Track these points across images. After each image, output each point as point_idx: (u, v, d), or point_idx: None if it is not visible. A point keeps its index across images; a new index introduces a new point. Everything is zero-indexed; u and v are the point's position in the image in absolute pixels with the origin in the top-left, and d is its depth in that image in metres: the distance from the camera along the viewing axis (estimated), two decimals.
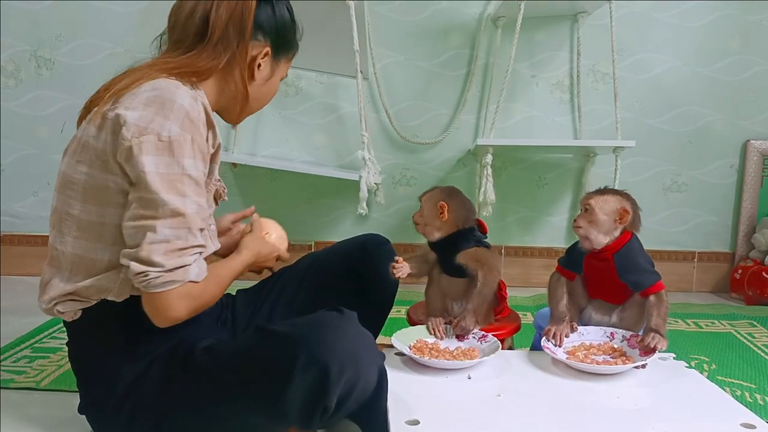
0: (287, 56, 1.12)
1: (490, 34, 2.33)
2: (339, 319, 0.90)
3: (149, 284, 0.87)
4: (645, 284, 1.21)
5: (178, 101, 0.89)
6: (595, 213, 1.22)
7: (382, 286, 1.26)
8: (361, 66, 2.00)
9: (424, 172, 2.43)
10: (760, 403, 1.36)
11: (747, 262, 2.31)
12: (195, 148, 0.90)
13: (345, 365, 0.84)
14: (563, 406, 1.02)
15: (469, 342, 1.25)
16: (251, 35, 1.02)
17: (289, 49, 1.11)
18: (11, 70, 2.39)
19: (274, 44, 1.07)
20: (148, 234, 0.87)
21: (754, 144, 2.35)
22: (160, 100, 0.89)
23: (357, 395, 0.89)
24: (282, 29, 1.07)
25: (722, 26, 2.31)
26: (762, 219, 2.35)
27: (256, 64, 1.05)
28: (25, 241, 2.46)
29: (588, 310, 1.31)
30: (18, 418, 1.21)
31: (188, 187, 0.89)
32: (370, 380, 0.90)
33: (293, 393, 0.84)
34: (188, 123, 0.89)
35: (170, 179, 0.87)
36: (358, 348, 0.88)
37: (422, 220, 1.31)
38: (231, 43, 1.00)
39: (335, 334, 0.87)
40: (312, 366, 0.83)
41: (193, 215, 0.90)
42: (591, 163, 2.35)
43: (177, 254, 0.89)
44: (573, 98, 2.37)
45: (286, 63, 1.13)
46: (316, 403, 0.85)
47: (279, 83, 1.14)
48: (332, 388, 0.84)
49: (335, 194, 2.43)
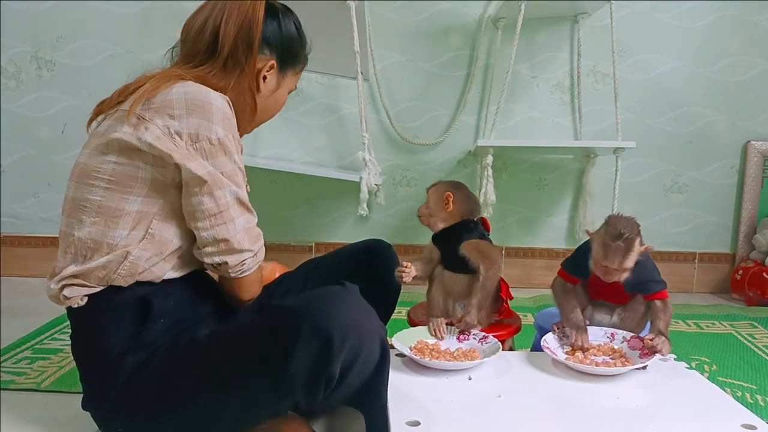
0: (294, 69, 1.16)
1: (490, 35, 2.33)
2: (341, 290, 0.93)
3: (245, 269, 1.01)
4: (651, 290, 1.21)
5: (214, 102, 0.96)
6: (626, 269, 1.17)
7: (384, 291, 1.27)
8: (362, 67, 2.00)
9: (424, 173, 2.43)
10: (761, 404, 1.35)
11: (747, 262, 2.31)
12: (236, 142, 0.99)
13: (347, 333, 0.86)
14: (564, 407, 1.02)
15: (470, 343, 1.25)
16: (258, 50, 1.06)
17: (295, 62, 1.15)
18: (12, 72, 2.39)
19: (279, 57, 1.11)
20: (230, 227, 0.97)
21: (754, 145, 2.35)
22: (199, 104, 0.94)
23: (360, 366, 0.90)
24: (288, 43, 1.11)
25: (722, 27, 2.31)
26: (762, 220, 2.35)
27: (261, 77, 1.09)
28: (26, 242, 2.46)
29: (589, 310, 1.31)
30: (18, 420, 1.21)
31: (241, 178, 1.00)
32: (373, 349, 0.92)
33: (297, 363, 0.85)
34: (227, 122, 0.97)
35: (229, 175, 0.97)
36: (360, 317, 0.90)
37: (427, 211, 1.34)
38: (240, 59, 1.05)
39: (337, 304, 0.89)
40: (314, 335, 0.85)
41: (248, 201, 1.01)
42: (591, 163, 2.35)
43: (257, 237, 1.03)
44: (573, 99, 2.37)
45: (293, 76, 1.17)
46: (319, 373, 0.86)
47: (287, 95, 1.18)
48: (335, 356, 0.85)
49: (336, 195, 2.43)
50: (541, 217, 2.44)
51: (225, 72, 1.04)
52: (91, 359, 1.00)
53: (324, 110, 2.40)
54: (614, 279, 1.17)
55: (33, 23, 2.36)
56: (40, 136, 2.42)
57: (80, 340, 1.02)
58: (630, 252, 1.14)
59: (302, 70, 1.19)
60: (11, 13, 2.35)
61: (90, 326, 0.99)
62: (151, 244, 0.97)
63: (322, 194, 2.45)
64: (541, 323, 1.40)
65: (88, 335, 1.00)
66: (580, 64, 2.33)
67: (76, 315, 1.00)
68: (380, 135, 2.39)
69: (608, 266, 1.15)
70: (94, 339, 0.98)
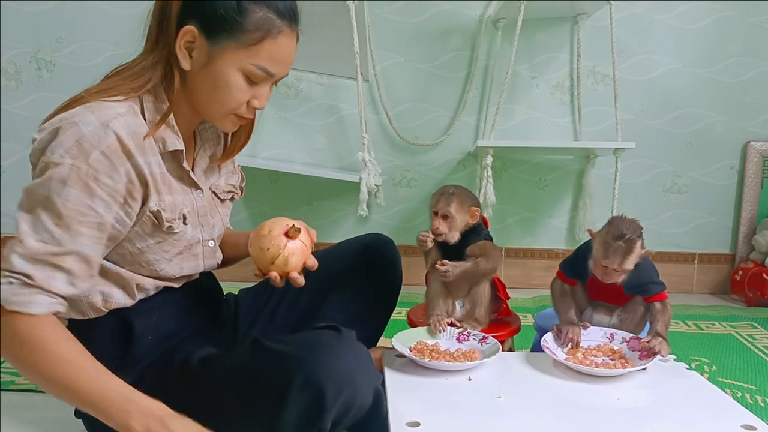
0: (235, 39, 0.89)
1: (490, 36, 2.33)
2: (336, 339, 0.89)
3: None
4: (650, 292, 1.21)
5: (82, 128, 0.83)
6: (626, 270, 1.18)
7: (385, 287, 1.26)
8: (362, 68, 2.00)
9: (424, 173, 2.43)
10: (761, 404, 1.35)
11: (747, 263, 2.31)
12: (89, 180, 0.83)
13: (341, 387, 0.83)
14: (564, 408, 1.02)
15: (470, 343, 1.25)
16: (177, 19, 0.90)
17: (233, 27, 0.88)
18: (12, 72, 2.39)
19: (202, 23, 0.89)
20: (15, 241, 0.84)
21: (754, 145, 2.35)
22: (65, 125, 0.84)
23: (352, 416, 0.88)
24: (213, 4, 0.88)
25: (722, 28, 2.31)
26: (762, 220, 2.35)
27: (180, 50, 0.90)
28: None
29: (588, 311, 1.31)
30: (18, 421, 1.21)
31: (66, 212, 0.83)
32: (366, 401, 0.89)
33: (288, 414, 0.83)
34: (85, 154, 0.82)
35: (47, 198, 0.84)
36: (354, 370, 0.86)
37: (447, 228, 1.30)
38: (168, 38, 0.91)
39: (331, 356, 0.85)
40: (307, 388, 0.82)
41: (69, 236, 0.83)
42: (591, 164, 2.35)
43: (53, 267, 0.82)
44: (573, 100, 2.37)
45: (240, 48, 0.89)
46: (310, 426, 0.84)
47: (237, 75, 0.91)
48: (327, 411, 0.83)
49: (335, 196, 2.43)
50: (541, 218, 2.44)
51: (154, 63, 0.92)
52: None
53: (324, 111, 2.40)
54: (613, 280, 1.17)
55: (33, 24, 2.36)
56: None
57: None
58: (630, 253, 1.14)
59: (264, 41, 0.90)
60: (11, 14, 2.35)
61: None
62: (104, 280, 0.92)
63: (322, 195, 2.45)
64: (541, 324, 1.40)
65: None
66: (579, 65, 2.33)
67: None
68: (380, 136, 2.39)
69: (608, 266, 1.15)
70: None
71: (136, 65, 0.94)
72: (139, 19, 0.99)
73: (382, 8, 2.32)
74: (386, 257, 1.25)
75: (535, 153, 2.37)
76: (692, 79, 2.34)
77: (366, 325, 1.20)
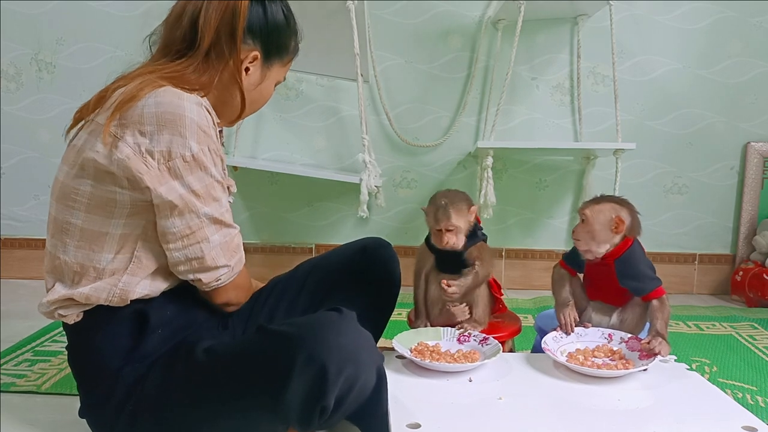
0: (281, 60, 1.07)
1: (490, 37, 2.33)
2: (338, 318, 0.91)
3: (221, 283, 0.99)
4: (646, 290, 1.22)
5: (187, 114, 0.89)
6: (591, 223, 1.22)
7: (383, 289, 1.26)
8: (362, 69, 2.00)
9: (424, 174, 2.43)
10: (762, 405, 1.35)
11: (748, 264, 2.31)
12: (213, 154, 0.94)
13: (343, 364, 0.84)
14: (564, 409, 1.02)
15: (470, 345, 1.25)
16: (241, 40, 0.98)
17: (282, 52, 1.06)
18: (12, 74, 2.39)
19: (264, 48, 1.03)
20: (203, 247, 0.94)
21: (754, 146, 2.35)
22: (171, 117, 0.88)
23: (355, 395, 0.89)
24: (274, 32, 1.03)
25: (722, 28, 2.31)
26: (762, 221, 2.35)
27: (243, 68, 1.01)
28: (26, 244, 2.46)
29: (588, 311, 1.31)
30: (19, 422, 1.21)
31: (218, 191, 0.95)
32: (369, 379, 0.90)
33: (292, 393, 0.84)
34: (202, 134, 0.91)
35: (206, 191, 0.93)
36: (356, 347, 0.88)
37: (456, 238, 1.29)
38: (223, 51, 0.97)
39: (334, 334, 0.87)
40: (310, 365, 0.83)
41: (225, 212, 0.97)
42: (591, 165, 2.35)
43: (234, 250, 0.99)
44: (573, 100, 2.37)
45: (280, 67, 1.08)
46: (314, 403, 0.85)
47: (273, 87, 1.11)
48: (330, 388, 0.84)
49: (336, 197, 2.43)
50: (541, 219, 2.44)
51: (207, 65, 0.97)
52: (88, 372, 1.00)
53: (324, 112, 2.40)
54: (581, 243, 1.23)
55: (33, 25, 2.36)
56: (41, 139, 2.42)
57: (77, 354, 1.01)
58: (598, 204, 1.24)
59: (291, 61, 1.10)
60: (11, 15, 2.35)
61: (87, 341, 0.98)
62: (138, 268, 0.95)
63: (322, 196, 2.45)
64: (542, 325, 1.40)
65: (86, 349, 0.99)
66: (579, 66, 2.33)
67: (73, 330, 0.99)
68: (380, 137, 2.39)
69: (579, 213, 1.26)
70: (91, 353, 0.98)
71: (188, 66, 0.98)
72: (139, 20, 1.00)
73: (382, 9, 2.32)
74: (384, 258, 1.26)
75: (535, 154, 2.37)
76: (692, 79, 2.34)
77: (365, 326, 1.20)
